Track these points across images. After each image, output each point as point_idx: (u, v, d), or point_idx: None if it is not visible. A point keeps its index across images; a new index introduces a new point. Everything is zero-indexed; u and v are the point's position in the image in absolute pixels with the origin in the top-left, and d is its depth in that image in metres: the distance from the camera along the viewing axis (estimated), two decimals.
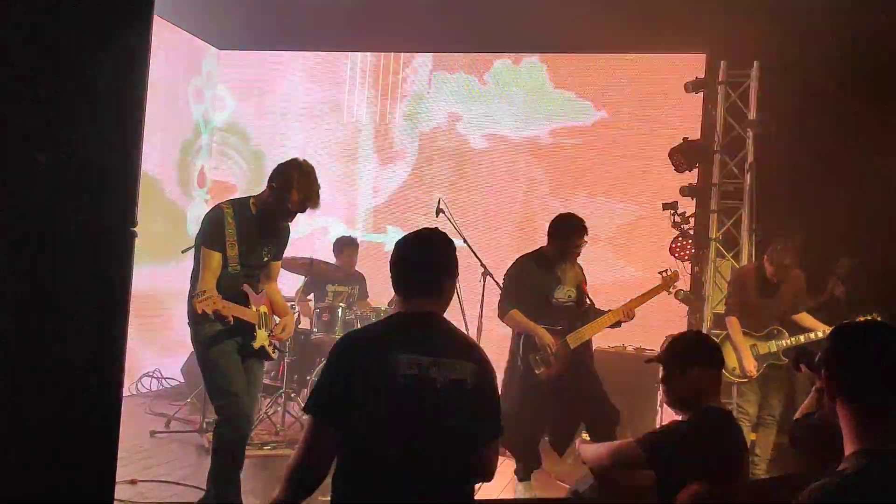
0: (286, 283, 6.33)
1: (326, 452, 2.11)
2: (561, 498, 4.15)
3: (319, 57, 8.05)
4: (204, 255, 3.60)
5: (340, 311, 5.87)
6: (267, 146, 8.03)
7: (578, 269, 4.61)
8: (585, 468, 2.89)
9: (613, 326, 4.57)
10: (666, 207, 6.15)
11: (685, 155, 6.09)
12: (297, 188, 3.56)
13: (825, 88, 5.59)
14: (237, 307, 3.58)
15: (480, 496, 3.75)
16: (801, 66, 5.71)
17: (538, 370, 4.38)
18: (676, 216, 6.13)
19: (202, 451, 5.05)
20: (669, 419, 3.65)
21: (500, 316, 4.55)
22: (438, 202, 5.35)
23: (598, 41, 6.89)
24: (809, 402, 2.51)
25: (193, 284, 3.64)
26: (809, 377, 2.50)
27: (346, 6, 6.69)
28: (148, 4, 1.62)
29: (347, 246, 6.53)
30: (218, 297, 3.45)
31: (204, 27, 7.58)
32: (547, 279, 4.51)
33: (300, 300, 6.24)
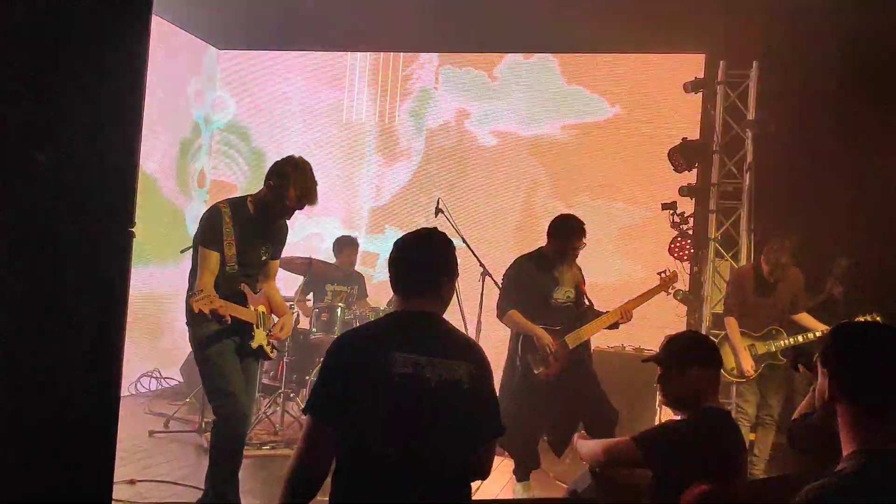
0: (286, 283, 6.33)
1: (326, 452, 2.11)
2: (559, 498, 4.15)
3: (321, 55, 7.97)
4: (202, 254, 3.59)
5: (339, 310, 5.86)
6: (267, 146, 8.00)
7: (577, 269, 4.61)
8: (584, 468, 2.89)
9: (611, 328, 4.58)
10: (665, 207, 6.16)
11: (684, 155, 6.10)
12: (293, 185, 3.56)
13: (824, 88, 5.60)
14: (235, 306, 3.57)
15: (479, 496, 3.76)
16: (800, 66, 5.72)
17: (537, 370, 4.38)
18: (675, 216, 6.13)
19: (201, 450, 5.05)
20: (668, 418, 3.66)
21: (498, 316, 4.55)
22: (438, 202, 5.35)
23: (597, 41, 6.89)
24: (807, 402, 2.50)
25: (191, 284, 3.64)
26: (808, 377, 2.50)
27: (346, 6, 6.69)
28: (147, 4, 1.62)
29: (347, 246, 6.53)
30: (215, 296, 3.45)
31: (204, 27, 7.57)
32: (545, 280, 4.51)
33: (299, 300, 6.24)
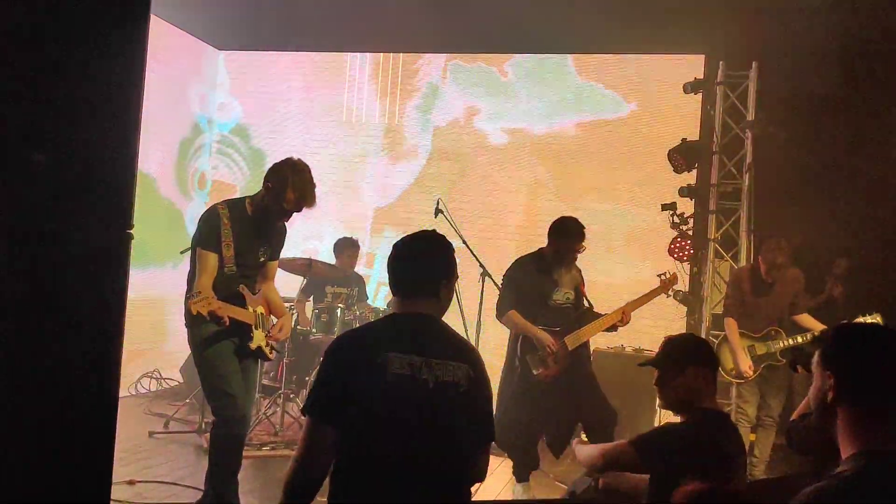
0: (287, 283, 6.33)
1: (325, 452, 2.11)
2: (559, 499, 4.15)
3: (323, 52, 7.90)
4: (200, 255, 3.59)
5: (339, 311, 5.85)
6: (268, 146, 7.98)
7: (577, 271, 4.61)
8: (583, 469, 2.89)
9: (609, 330, 4.57)
10: (665, 208, 6.16)
11: (684, 156, 6.10)
12: (292, 187, 3.56)
13: (824, 89, 5.60)
14: (233, 308, 3.57)
15: (479, 496, 3.75)
16: (799, 66, 5.72)
17: (536, 371, 4.37)
18: (675, 217, 6.13)
19: (201, 451, 5.05)
20: (667, 420, 3.65)
21: (497, 316, 4.55)
22: (437, 203, 5.35)
23: (596, 42, 6.89)
24: (806, 402, 2.49)
25: (190, 285, 3.64)
26: (807, 378, 2.49)
27: (347, 7, 6.68)
28: (145, 5, 1.62)
29: (348, 247, 6.53)
30: (213, 297, 3.44)
31: (203, 28, 7.57)
32: (545, 281, 4.51)
33: (299, 301, 6.24)
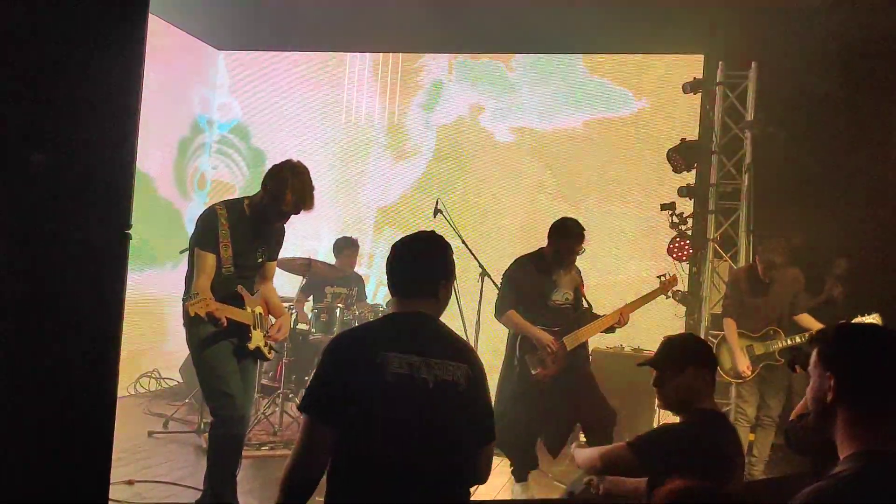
0: (286, 284, 6.33)
1: (322, 451, 2.11)
2: (557, 499, 4.15)
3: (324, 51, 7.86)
4: (197, 256, 3.59)
5: (338, 311, 5.85)
6: (268, 146, 7.95)
7: (576, 272, 4.60)
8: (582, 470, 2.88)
9: (607, 331, 4.56)
10: (664, 208, 6.16)
11: (683, 156, 6.10)
12: (290, 189, 3.54)
13: (823, 89, 5.60)
14: (230, 309, 3.56)
15: (478, 496, 3.75)
16: (798, 66, 5.72)
17: (534, 371, 4.37)
18: (674, 217, 6.13)
19: (200, 451, 5.04)
20: (667, 420, 3.65)
21: (496, 316, 4.54)
22: (437, 203, 5.34)
23: (595, 42, 6.88)
24: (804, 402, 2.49)
25: (188, 286, 3.63)
26: (807, 378, 2.49)
27: (348, 7, 6.68)
28: (144, 5, 1.62)
29: (347, 247, 6.53)
30: (211, 299, 3.43)
31: (204, 28, 7.56)
32: (544, 281, 4.50)
33: (298, 300, 6.24)
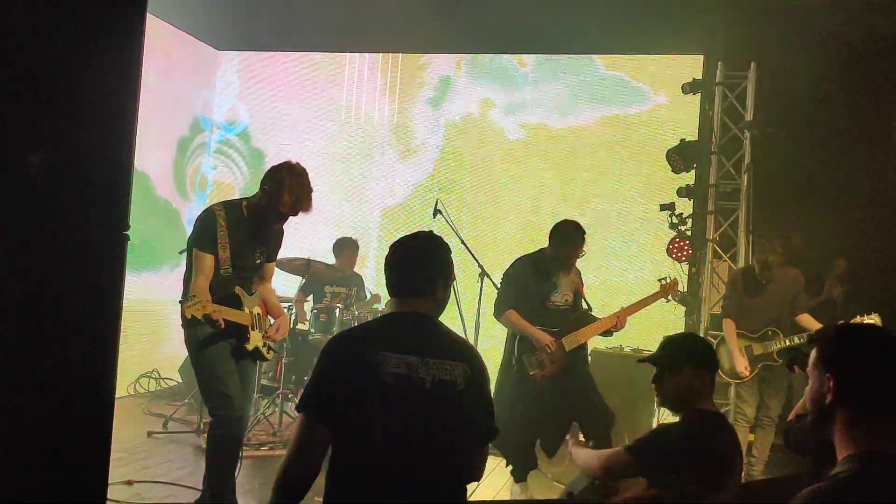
0: (286, 284, 6.32)
1: (318, 451, 2.11)
2: (556, 499, 4.15)
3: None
4: (196, 257, 3.58)
5: (337, 311, 5.85)
6: (268, 147, 7.94)
7: (576, 273, 4.61)
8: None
9: (604, 334, 4.56)
10: (664, 208, 6.16)
11: (682, 156, 6.10)
12: (288, 191, 3.53)
13: (822, 89, 5.60)
14: (228, 310, 3.55)
15: (477, 496, 3.75)
16: (798, 67, 5.72)
17: (533, 371, 4.38)
18: (674, 217, 6.13)
19: (199, 451, 5.04)
20: (666, 420, 3.66)
21: (496, 315, 4.54)
22: (436, 203, 5.34)
23: (595, 42, 6.88)
24: (803, 403, 2.49)
25: (186, 286, 3.62)
26: (807, 379, 2.49)
27: (348, 7, 6.67)
28: (142, 5, 1.62)
29: (347, 247, 6.52)
30: (208, 300, 3.42)
31: (204, 28, 7.55)
32: (544, 282, 4.50)
33: (298, 300, 6.23)
